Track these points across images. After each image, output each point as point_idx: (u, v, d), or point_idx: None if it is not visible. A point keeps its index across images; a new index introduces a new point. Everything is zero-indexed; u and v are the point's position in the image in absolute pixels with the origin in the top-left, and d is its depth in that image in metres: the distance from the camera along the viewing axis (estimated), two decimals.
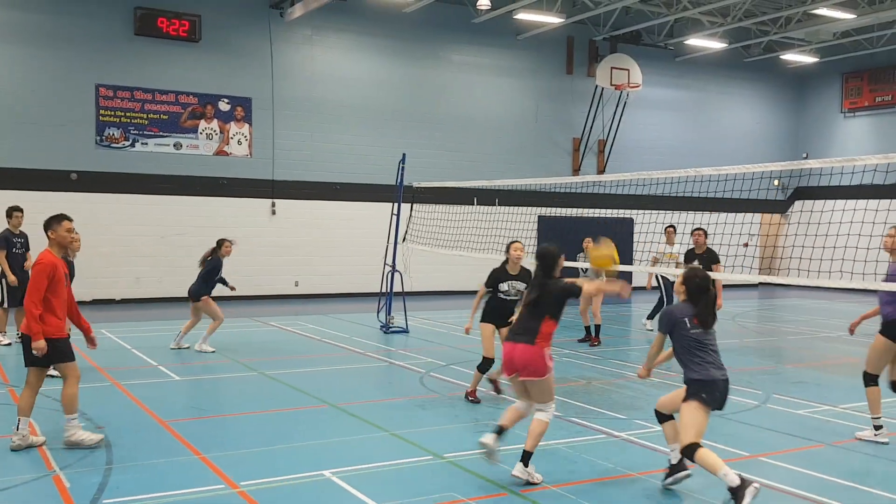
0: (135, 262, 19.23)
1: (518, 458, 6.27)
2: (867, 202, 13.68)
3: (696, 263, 11.40)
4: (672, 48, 25.99)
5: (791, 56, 27.09)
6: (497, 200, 22.05)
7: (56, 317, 7.03)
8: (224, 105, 20.28)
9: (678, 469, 6.19)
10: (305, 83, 21.14)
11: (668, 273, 13.26)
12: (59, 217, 7.30)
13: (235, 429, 7.89)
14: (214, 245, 12.48)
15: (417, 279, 16.88)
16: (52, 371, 7.36)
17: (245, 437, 7.51)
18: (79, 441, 7.05)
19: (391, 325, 14.87)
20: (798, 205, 28.60)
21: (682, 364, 6.05)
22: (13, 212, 12.60)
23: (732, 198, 17.60)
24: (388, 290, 15.05)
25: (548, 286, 6.54)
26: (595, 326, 13.71)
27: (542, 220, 23.90)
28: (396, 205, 15.11)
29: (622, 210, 22.89)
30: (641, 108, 25.70)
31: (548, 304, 6.47)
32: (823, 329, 16.44)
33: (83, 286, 14.68)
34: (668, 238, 14.97)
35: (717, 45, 25.25)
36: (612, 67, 23.74)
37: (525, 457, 6.25)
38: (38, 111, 18.35)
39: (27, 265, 12.62)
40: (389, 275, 15.07)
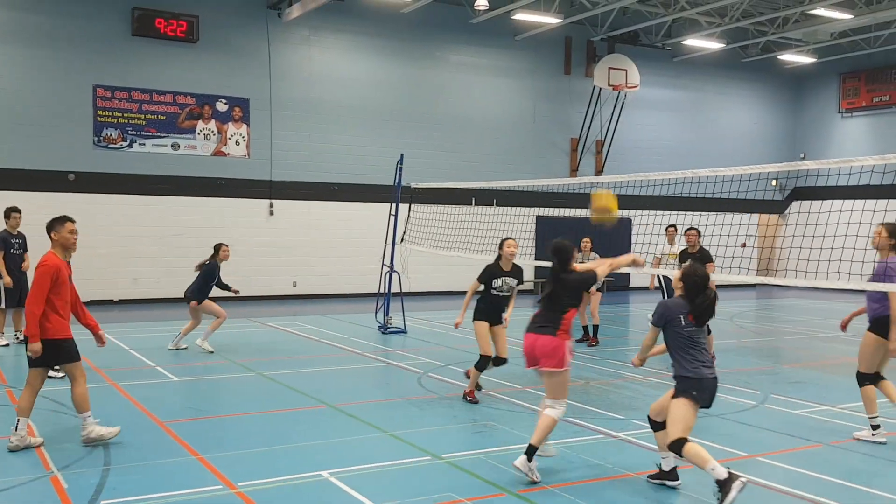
0: (132, 263, 19.22)
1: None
2: (865, 202, 13.71)
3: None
4: (670, 48, 26.01)
5: (789, 56, 27.12)
6: (495, 201, 22.08)
7: (61, 318, 7.06)
8: (222, 105, 20.28)
9: (669, 477, 6.25)
10: (303, 84, 21.14)
11: (671, 274, 13.23)
12: (62, 218, 7.30)
13: (233, 429, 7.88)
14: (213, 251, 12.45)
15: (415, 280, 16.88)
16: (52, 372, 7.37)
17: (243, 438, 7.51)
18: (99, 437, 7.09)
19: (389, 326, 14.87)
20: (796, 205, 28.64)
21: (674, 359, 6.12)
22: (11, 212, 12.60)
23: (730, 198, 17.63)
24: (387, 291, 15.06)
25: (564, 280, 6.65)
26: (593, 327, 13.74)
27: (541, 221, 23.91)
28: (394, 205, 15.11)
29: (620, 210, 22.83)
30: (639, 109, 25.72)
31: (567, 297, 6.61)
32: (821, 329, 16.46)
33: (81, 287, 14.53)
34: (670, 238, 14.99)
35: (715, 46, 25.27)
36: (610, 68, 23.76)
37: (529, 450, 6.29)
38: (36, 112, 18.34)
39: (25, 266, 12.63)
40: (387, 275, 15.07)
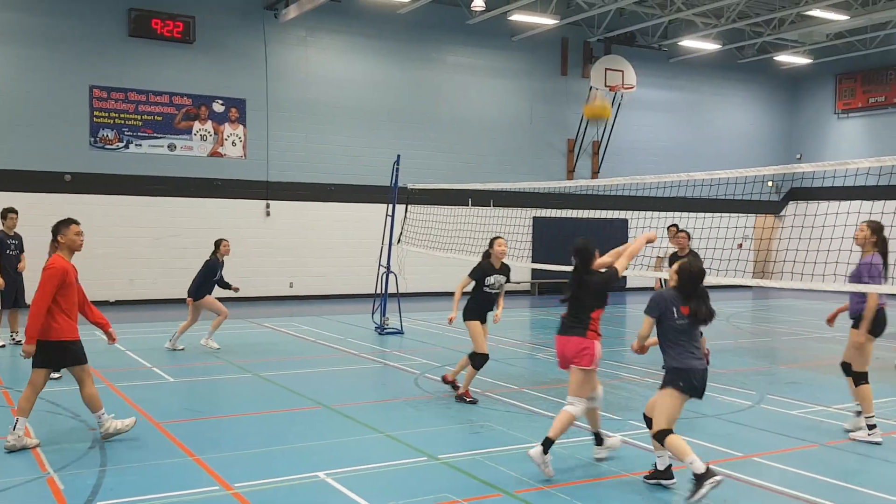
0: (129, 264, 19.20)
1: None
2: (861, 203, 13.73)
3: None
4: (666, 49, 26.04)
5: (785, 57, 27.16)
6: (492, 202, 22.10)
7: (68, 319, 7.11)
8: (218, 106, 20.26)
9: (664, 476, 6.28)
10: (300, 84, 21.13)
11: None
12: (67, 221, 7.34)
13: (230, 430, 7.88)
14: (213, 247, 12.54)
15: (412, 280, 16.89)
16: (54, 374, 7.38)
17: (239, 439, 7.51)
18: (117, 431, 7.23)
19: (386, 327, 14.87)
20: (792, 206, 28.69)
21: (663, 350, 6.19)
22: (8, 213, 12.58)
23: (727, 199, 17.64)
24: (383, 292, 15.06)
25: (587, 281, 6.69)
26: None
27: (537, 222, 23.93)
28: (391, 206, 15.12)
29: (617, 211, 22.91)
30: (636, 110, 25.75)
31: (591, 298, 6.66)
32: (817, 330, 16.47)
33: None
34: (671, 237, 14.98)
35: (711, 47, 25.31)
36: (607, 69, 23.79)
37: (546, 443, 6.36)
38: (33, 112, 18.31)
39: (21, 267, 12.60)
40: (384, 276, 15.07)
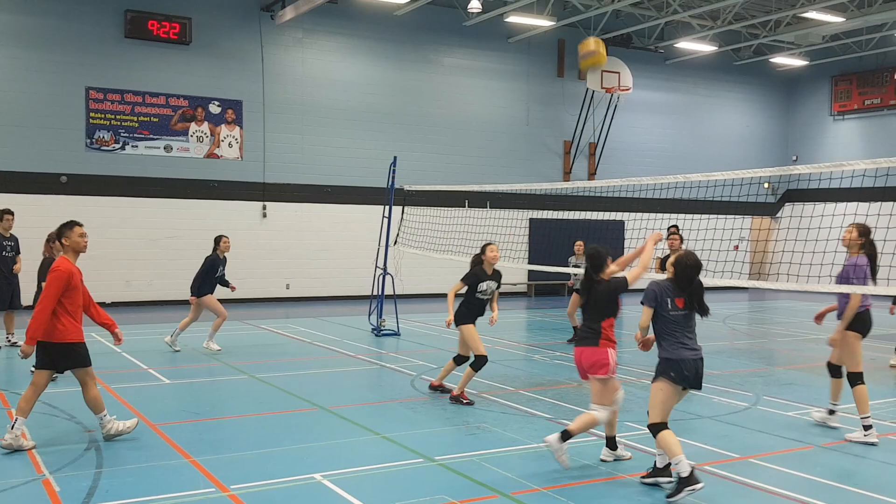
0: (125, 266, 19.16)
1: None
2: (857, 205, 13.73)
3: None
4: (662, 51, 26.08)
5: (781, 59, 27.21)
6: (488, 203, 22.10)
7: (74, 321, 7.14)
8: (215, 108, 20.24)
9: (662, 474, 6.29)
10: (296, 86, 21.12)
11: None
12: (71, 223, 7.38)
13: (226, 432, 7.87)
14: (213, 244, 12.58)
15: (408, 282, 16.88)
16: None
17: (235, 441, 7.50)
18: (119, 432, 7.31)
19: (382, 328, 14.86)
20: (788, 208, 28.73)
21: (658, 343, 6.23)
22: (3, 214, 12.55)
23: (723, 200, 17.67)
24: (380, 293, 15.05)
25: (596, 289, 6.71)
26: None
27: (534, 223, 23.95)
28: (388, 207, 15.11)
29: (613, 213, 22.94)
30: (632, 111, 25.78)
31: (600, 307, 6.67)
32: (813, 331, 16.47)
33: None
34: (681, 237, 15.03)
35: (707, 48, 25.35)
36: (603, 70, 23.76)
37: (564, 434, 6.46)
38: (28, 113, 18.28)
39: (17, 268, 12.57)
40: (380, 277, 15.07)
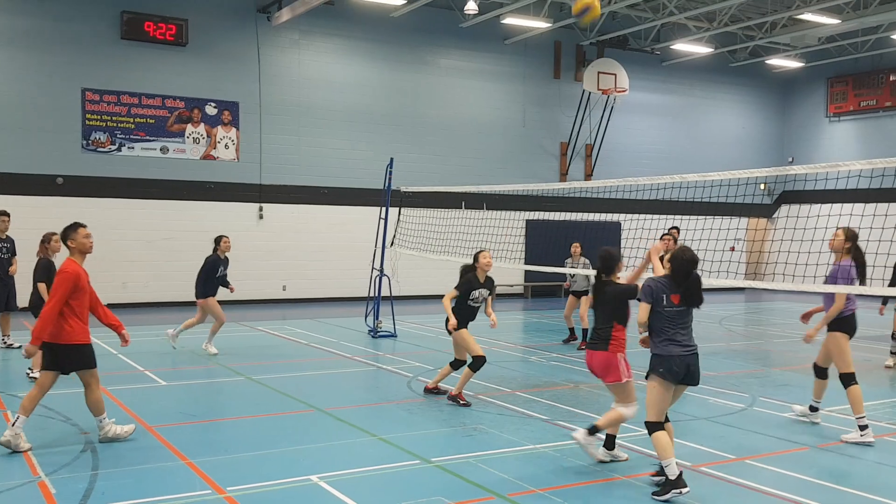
0: (121, 267, 19.11)
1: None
2: (853, 206, 13.77)
3: None
4: (658, 53, 26.11)
5: (776, 61, 27.25)
6: (485, 205, 22.09)
7: (81, 322, 7.17)
8: (211, 109, 20.23)
9: (661, 473, 6.28)
10: (293, 87, 21.11)
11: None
12: (74, 225, 7.40)
13: (222, 434, 7.86)
14: (214, 244, 12.61)
15: (405, 283, 16.87)
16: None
17: (232, 442, 7.49)
18: (116, 436, 7.32)
19: (379, 330, 14.85)
20: (784, 209, 28.77)
21: (651, 339, 6.27)
22: None
23: (719, 201, 17.66)
24: (376, 295, 15.04)
25: (605, 291, 6.74)
26: (582, 330, 13.73)
27: (530, 225, 23.97)
28: (384, 209, 15.11)
29: (609, 214, 22.97)
30: (628, 113, 25.80)
31: (607, 310, 6.70)
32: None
33: None
34: (674, 238, 15.08)
35: (704, 50, 25.38)
36: (599, 72, 23.82)
37: (592, 429, 6.63)
38: (24, 115, 18.24)
39: (13, 270, 12.54)
40: (377, 279, 15.06)
